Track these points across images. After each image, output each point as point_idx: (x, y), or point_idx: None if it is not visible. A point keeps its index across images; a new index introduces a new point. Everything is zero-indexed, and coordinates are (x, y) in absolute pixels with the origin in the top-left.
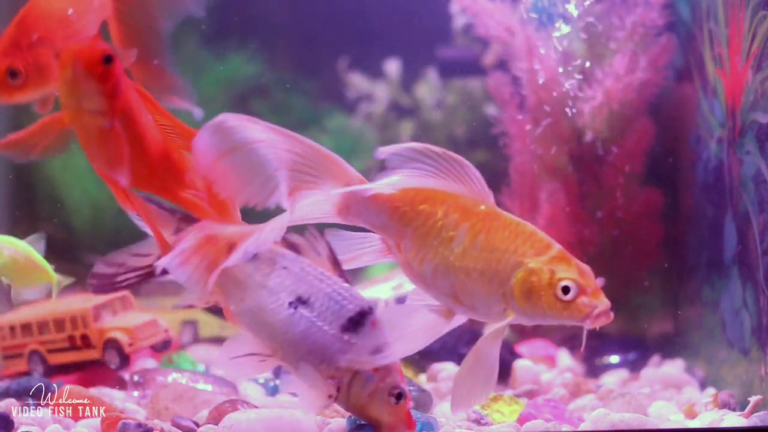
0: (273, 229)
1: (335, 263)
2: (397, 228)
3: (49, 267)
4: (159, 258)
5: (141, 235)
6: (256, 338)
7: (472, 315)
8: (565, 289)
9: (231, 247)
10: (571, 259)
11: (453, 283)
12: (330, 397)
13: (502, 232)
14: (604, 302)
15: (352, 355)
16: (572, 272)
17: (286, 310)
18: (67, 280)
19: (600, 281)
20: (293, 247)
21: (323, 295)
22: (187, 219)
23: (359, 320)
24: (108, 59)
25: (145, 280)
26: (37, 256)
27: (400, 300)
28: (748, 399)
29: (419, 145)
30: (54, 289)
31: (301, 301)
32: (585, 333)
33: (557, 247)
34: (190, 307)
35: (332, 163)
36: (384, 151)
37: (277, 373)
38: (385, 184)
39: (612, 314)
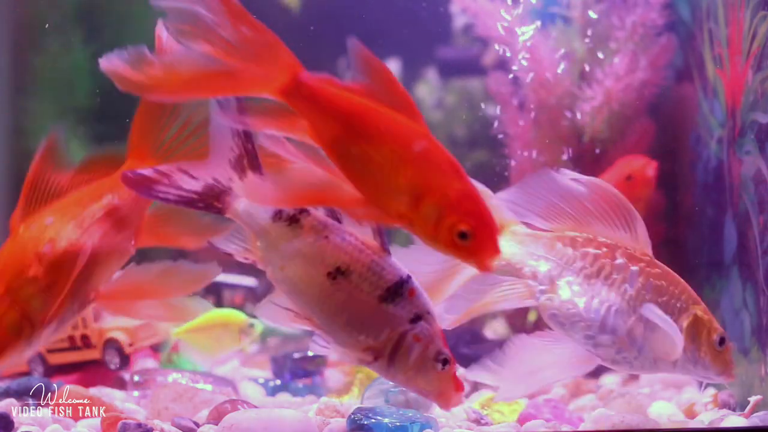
0: None
1: (377, 232)
2: (557, 266)
3: None
4: (206, 188)
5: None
6: (293, 305)
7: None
8: (721, 341)
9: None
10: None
11: (626, 322)
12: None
13: (666, 279)
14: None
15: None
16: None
17: (325, 281)
18: None
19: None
20: (335, 216)
21: (362, 266)
22: None
23: (397, 290)
24: None
25: (183, 204)
26: None
27: None
28: (748, 399)
29: (599, 183)
30: None
31: (339, 272)
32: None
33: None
34: (228, 255)
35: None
36: (565, 175)
37: (277, 373)
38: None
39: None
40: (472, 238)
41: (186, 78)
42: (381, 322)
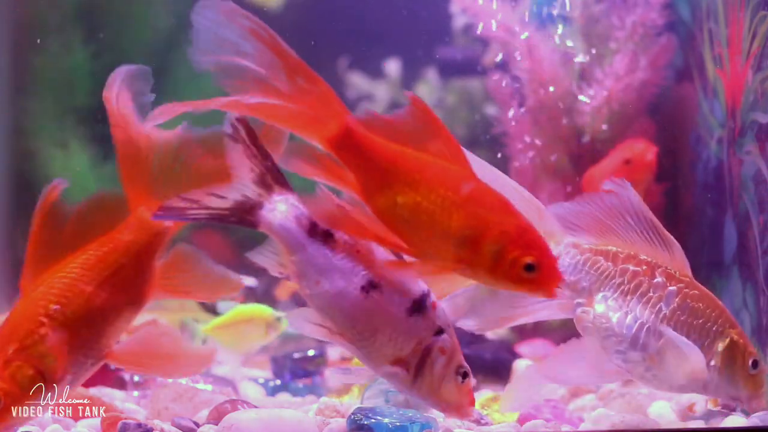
0: None
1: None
2: (597, 280)
3: None
4: (236, 204)
5: None
6: (326, 320)
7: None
8: (755, 364)
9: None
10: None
11: (657, 341)
12: None
13: (703, 301)
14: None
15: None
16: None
17: (359, 294)
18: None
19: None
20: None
21: (391, 279)
22: None
23: (422, 302)
24: None
25: (215, 220)
26: None
27: None
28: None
29: (636, 201)
30: None
31: (372, 285)
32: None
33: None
34: (262, 269)
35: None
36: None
37: (277, 373)
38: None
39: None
40: (538, 270)
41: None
42: (409, 334)
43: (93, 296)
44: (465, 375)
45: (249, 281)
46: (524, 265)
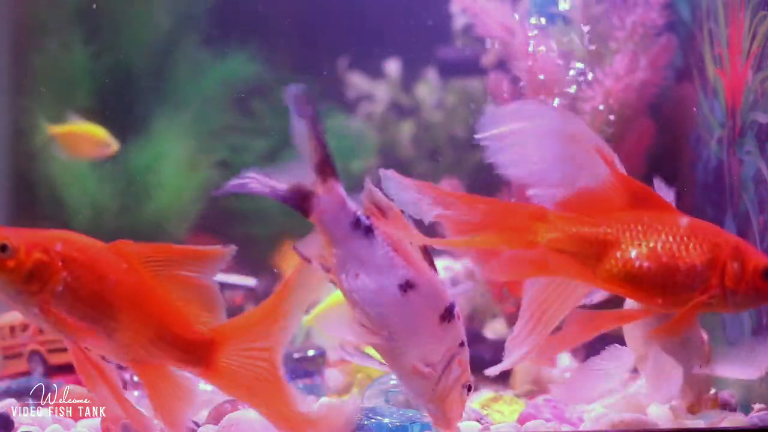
0: None
1: (425, 249)
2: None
3: None
4: (294, 188)
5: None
6: (362, 316)
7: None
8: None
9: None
10: None
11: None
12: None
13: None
14: None
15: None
16: None
17: (397, 292)
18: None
19: None
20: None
21: (427, 282)
22: None
23: (451, 311)
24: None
25: (275, 197)
26: None
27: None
28: (752, 405)
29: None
30: None
31: (410, 285)
32: None
33: None
34: (306, 259)
35: None
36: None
37: None
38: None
39: None
40: None
41: None
42: (442, 340)
43: None
44: (469, 389)
45: (249, 281)
46: (763, 270)
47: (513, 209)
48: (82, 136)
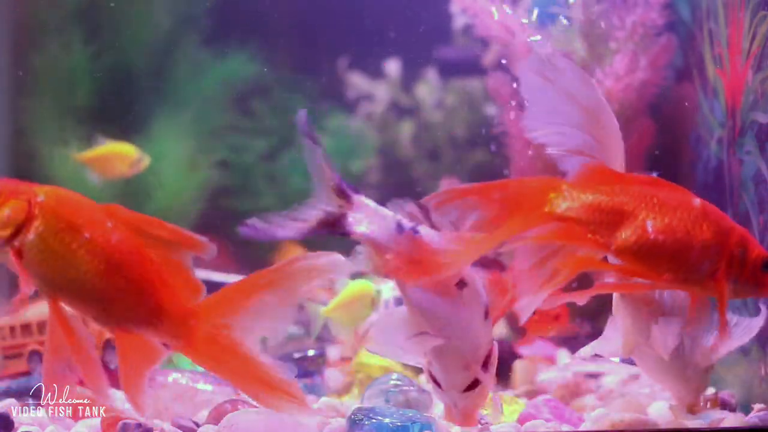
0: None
1: None
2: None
3: None
4: (320, 222)
5: None
6: (414, 316)
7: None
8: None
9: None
10: None
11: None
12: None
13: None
14: None
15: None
16: None
17: (455, 290)
18: None
19: None
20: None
21: (473, 279)
22: None
23: (488, 310)
24: None
25: (306, 235)
26: None
27: (398, 301)
28: (752, 405)
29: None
30: None
31: (464, 283)
32: None
33: None
34: (362, 274)
35: None
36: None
37: None
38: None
39: None
40: None
41: None
42: (484, 336)
43: None
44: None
45: None
46: (763, 262)
47: (524, 185)
48: (113, 157)
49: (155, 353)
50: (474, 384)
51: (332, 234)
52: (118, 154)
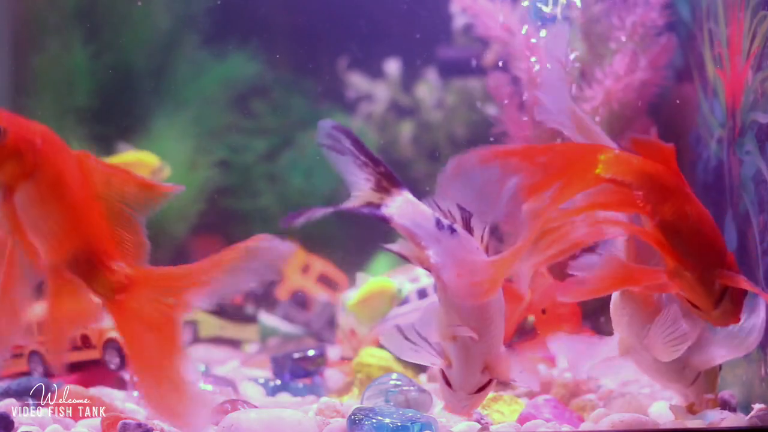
0: None
1: (487, 250)
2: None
3: None
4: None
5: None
6: (450, 316)
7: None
8: None
9: None
10: None
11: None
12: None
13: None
14: None
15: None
16: None
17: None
18: None
19: None
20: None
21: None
22: None
23: (504, 316)
24: None
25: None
26: None
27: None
28: (752, 405)
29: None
30: None
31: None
32: None
33: None
34: (405, 258)
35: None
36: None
37: (277, 373)
38: None
39: None
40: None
41: None
42: (500, 341)
43: None
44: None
45: None
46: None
47: (572, 148)
48: (134, 165)
49: (89, 309)
50: (484, 386)
51: (373, 216)
52: (140, 163)
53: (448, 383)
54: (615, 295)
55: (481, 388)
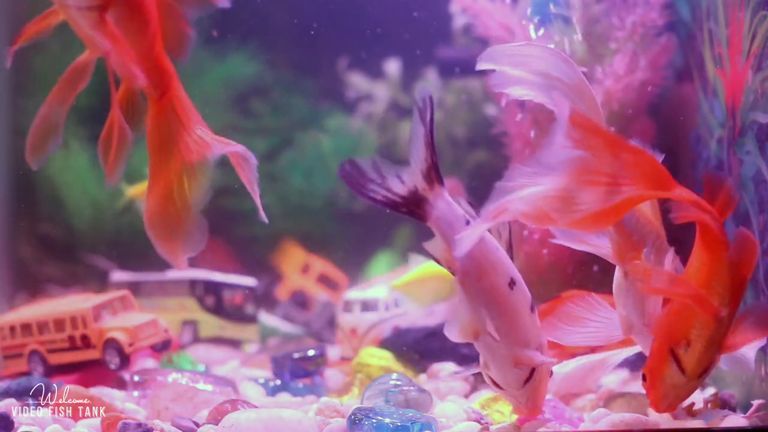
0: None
1: (510, 246)
2: None
3: None
4: (410, 193)
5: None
6: (471, 312)
7: None
8: None
9: None
10: None
11: None
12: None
13: None
14: None
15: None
16: None
17: (506, 289)
18: None
19: None
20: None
21: (520, 277)
22: None
23: (533, 303)
24: None
25: (387, 205)
26: None
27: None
28: (751, 402)
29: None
30: None
31: (513, 282)
32: None
33: None
34: (435, 260)
35: None
36: None
37: (277, 373)
38: None
39: None
40: None
41: None
42: (531, 331)
43: None
44: (550, 374)
45: (249, 281)
46: None
47: (655, 165)
48: None
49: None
50: (530, 377)
51: (408, 215)
52: None
53: (495, 384)
54: (617, 276)
55: (527, 380)
